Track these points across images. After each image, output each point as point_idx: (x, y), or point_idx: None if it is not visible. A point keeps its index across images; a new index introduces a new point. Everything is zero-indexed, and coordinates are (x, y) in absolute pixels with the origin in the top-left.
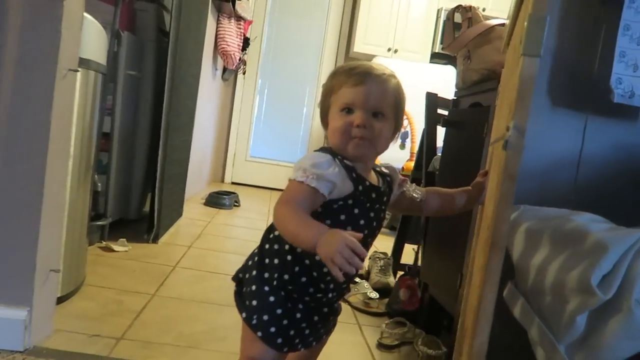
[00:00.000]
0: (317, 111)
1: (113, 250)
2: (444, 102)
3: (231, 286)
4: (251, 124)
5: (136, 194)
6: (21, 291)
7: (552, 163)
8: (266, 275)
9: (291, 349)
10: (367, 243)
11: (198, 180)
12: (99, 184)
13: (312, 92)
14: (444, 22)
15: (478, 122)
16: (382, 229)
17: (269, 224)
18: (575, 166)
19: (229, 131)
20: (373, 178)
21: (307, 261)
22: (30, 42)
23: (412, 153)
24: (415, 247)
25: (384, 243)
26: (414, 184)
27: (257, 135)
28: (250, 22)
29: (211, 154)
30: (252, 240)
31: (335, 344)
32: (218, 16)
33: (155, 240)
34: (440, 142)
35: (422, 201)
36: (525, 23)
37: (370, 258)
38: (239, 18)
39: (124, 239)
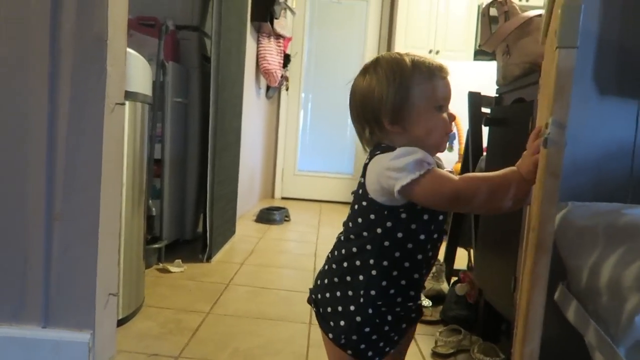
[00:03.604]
0: None
1: (170, 271)
2: (487, 101)
3: (284, 300)
4: (297, 138)
5: (190, 216)
6: (84, 315)
7: (604, 154)
8: (350, 293)
9: (380, 357)
10: (440, 235)
11: (249, 198)
12: (154, 209)
13: None
14: (480, 18)
15: (522, 119)
16: None
17: (334, 243)
18: (630, 156)
19: (276, 147)
20: None
21: (395, 272)
22: (80, 82)
23: (460, 155)
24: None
25: None
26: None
27: (303, 148)
28: (289, 39)
29: (260, 171)
30: (303, 253)
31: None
32: (258, 36)
33: (208, 259)
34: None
35: None
36: (559, 13)
37: None
38: (278, 36)
39: (180, 260)
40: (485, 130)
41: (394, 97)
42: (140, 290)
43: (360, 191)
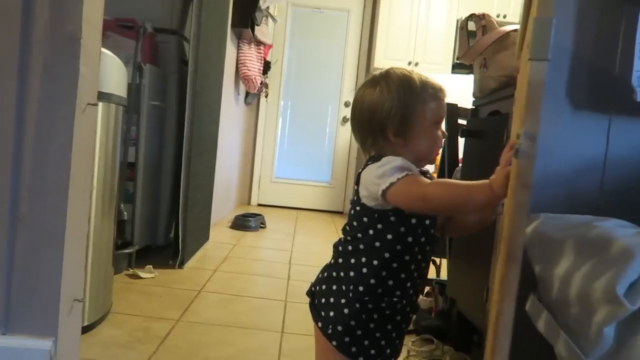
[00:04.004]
0: (341, 129)
1: (140, 277)
2: (464, 112)
3: (257, 308)
4: (275, 145)
5: (163, 221)
6: (46, 322)
7: (576, 168)
8: (343, 287)
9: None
10: (428, 239)
11: (225, 204)
12: (125, 213)
13: (335, 111)
14: (459, 31)
15: (497, 131)
16: None
17: (337, 239)
18: (601, 170)
19: (254, 154)
20: None
21: (383, 272)
22: (51, 80)
23: (436, 165)
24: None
25: None
26: None
27: (281, 156)
28: (270, 46)
29: (237, 177)
30: (278, 261)
31: None
32: (238, 42)
33: (180, 265)
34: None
35: None
36: (532, 26)
37: None
38: (258, 43)
39: (151, 266)
40: (461, 141)
41: (402, 111)
42: (108, 296)
43: (355, 197)
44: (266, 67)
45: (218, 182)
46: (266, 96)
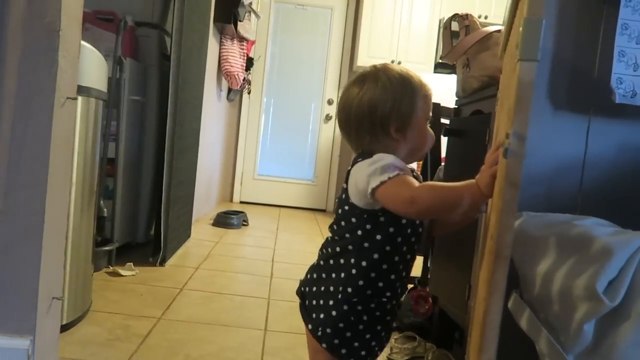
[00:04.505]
0: (324, 127)
1: (120, 275)
2: (447, 112)
3: (239, 306)
4: (258, 142)
5: (143, 218)
6: (23, 321)
7: (556, 167)
8: (331, 289)
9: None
10: (418, 239)
11: (207, 201)
12: (105, 210)
13: (318, 108)
14: (442, 31)
15: (479, 130)
16: None
17: (323, 240)
18: (580, 169)
19: (236, 151)
20: None
21: (372, 274)
22: (28, 73)
23: (418, 164)
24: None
25: None
26: None
27: (264, 153)
28: (253, 42)
29: (219, 175)
30: (260, 259)
31: None
32: (221, 38)
33: (162, 263)
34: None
35: None
36: (521, 27)
37: None
38: (241, 39)
39: (131, 263)
40: (444, 140)
41: (406, 107)
42: (87, 294)
43: (344, 196)
44: (249, 63)
45: (200, 179)
46: (249, 93)
